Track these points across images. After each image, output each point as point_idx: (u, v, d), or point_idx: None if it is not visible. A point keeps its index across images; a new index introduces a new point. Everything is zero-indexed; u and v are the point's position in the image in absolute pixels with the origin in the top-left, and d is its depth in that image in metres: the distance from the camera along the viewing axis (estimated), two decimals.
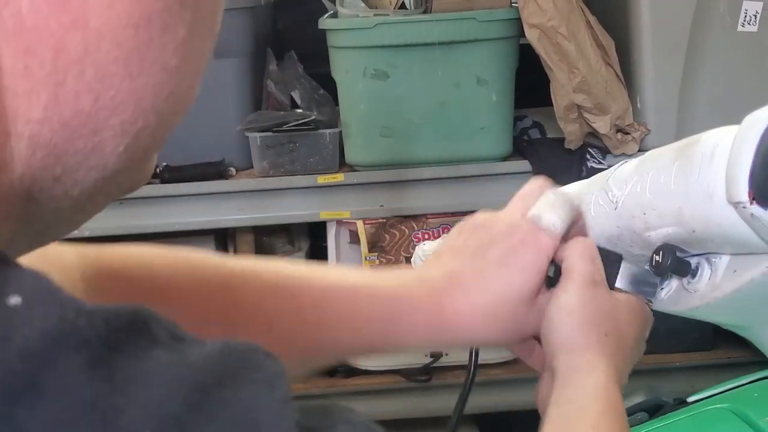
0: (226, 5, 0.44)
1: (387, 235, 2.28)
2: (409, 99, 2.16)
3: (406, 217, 2.28)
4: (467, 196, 2.23)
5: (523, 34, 2.12)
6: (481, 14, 2.13)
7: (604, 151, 2.21)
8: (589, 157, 2.22)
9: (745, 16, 2.08)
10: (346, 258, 2.35)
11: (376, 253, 2.28)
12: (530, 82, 2.21)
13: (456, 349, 0.81)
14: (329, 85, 2.23)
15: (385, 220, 2.27)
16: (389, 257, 2.28)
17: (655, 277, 0.75)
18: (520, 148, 2.30)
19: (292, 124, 2.19)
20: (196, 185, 2.23)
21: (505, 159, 2.25)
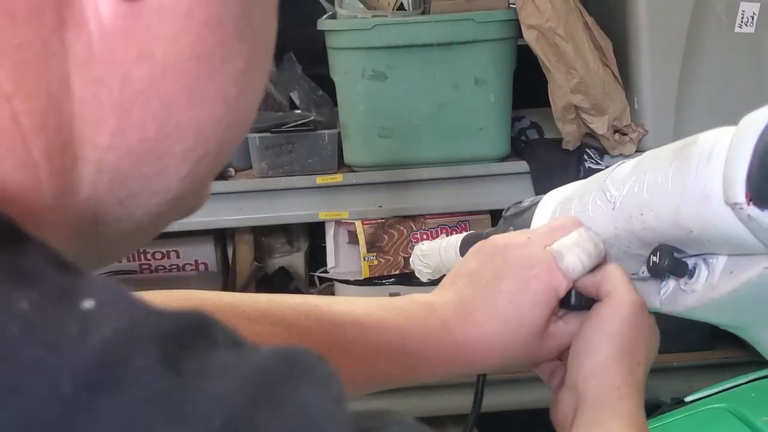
0: None
1: (385, 236, 2.28)
2: (408, 100, 2.16)
3: (405, 218, 2.28)
4: (466, 197, 2.23)
5: (521, 35, 2.12)
6: (479, 15, 2.13)
7: (602, 152, 2.21)
8: (586, 157, 2.23)
9: (742, 17, 2.09)
10: (344, 258, 2.36)
11: (375, 253, 2.28)
12: (528, 83, 2.21)
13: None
14: (328, 86, 2.23)
15: (384, 221, 2.27)
16: (388, 257, 2.29)
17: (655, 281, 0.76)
18: (518, 148, 2.30)
19: (291, 124, 2.19)
20: None
21: (503, 159, 2.25)
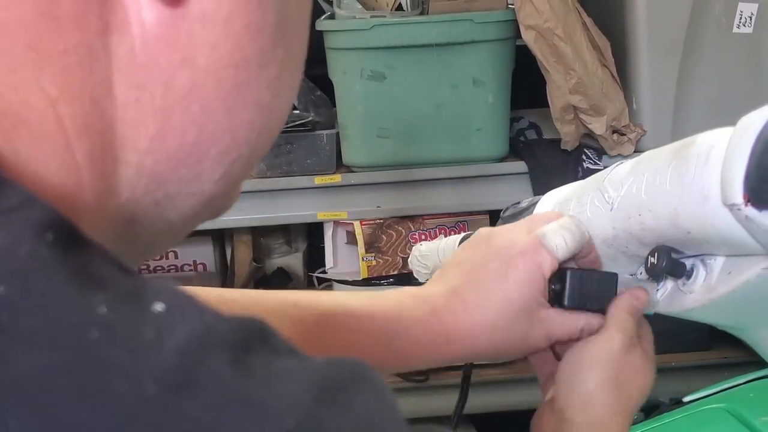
0: None
1: (384, 236, 2.28)
2: (406, 100, 2.16)
3: (403, 218, 2.28)
4: (464, 197, 2.23)
5: (519, 36, 2.12)
6: (478, 16, 2.13)
7: (600, 152, 2.21)
8: (585, 158, 2.23)
9: (741, 18, 2.09)
10: (343, 258, 2.36)
11: (373, 254, 2.28)
12: (527, 84, 2.21)
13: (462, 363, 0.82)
14: (326, 86, 2.23)
15: (382, 221, 2.27)
16: (386, 258, 2.29)
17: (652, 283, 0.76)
18: (517, 149, 2.30)
19: (290, 125, 2.19)
20: None
21: (501, 160, 2.25)
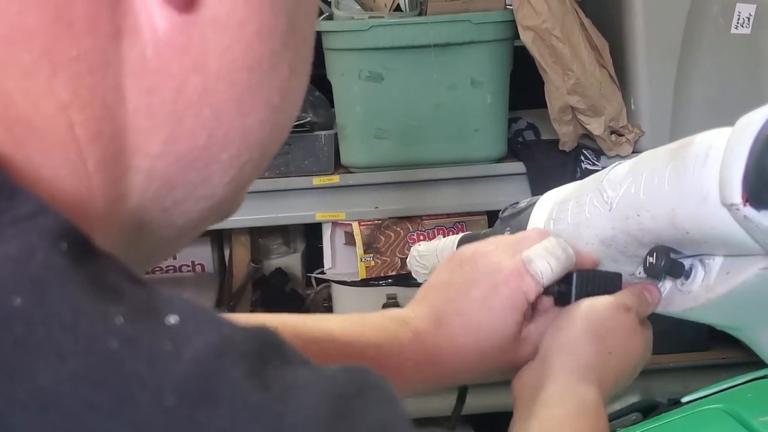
0: None
1: (382, 237, 2.28)
2: (404, 101, 2.16)
3: (402, 219, 2.28)
4: (462, 198, 2.23)
5: (517, 36, 2.12)
6: (476, 16, 2.13)
7: (599, 153, 2.21)
8: (583, 158, 2.23)
9: (738, 19, 2.09)
10: (341, 259, 2.36)
11: (372, 254, 2.28)
12: (525, 84, 2.21)
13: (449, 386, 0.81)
14: (324, 87, 2.23)
15: (381, 222, 2.27)
16: (384, 258, 2.29)
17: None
18: (515, 149, 2.30)
19: None
20: None
21: (499, 160, 2.25)
